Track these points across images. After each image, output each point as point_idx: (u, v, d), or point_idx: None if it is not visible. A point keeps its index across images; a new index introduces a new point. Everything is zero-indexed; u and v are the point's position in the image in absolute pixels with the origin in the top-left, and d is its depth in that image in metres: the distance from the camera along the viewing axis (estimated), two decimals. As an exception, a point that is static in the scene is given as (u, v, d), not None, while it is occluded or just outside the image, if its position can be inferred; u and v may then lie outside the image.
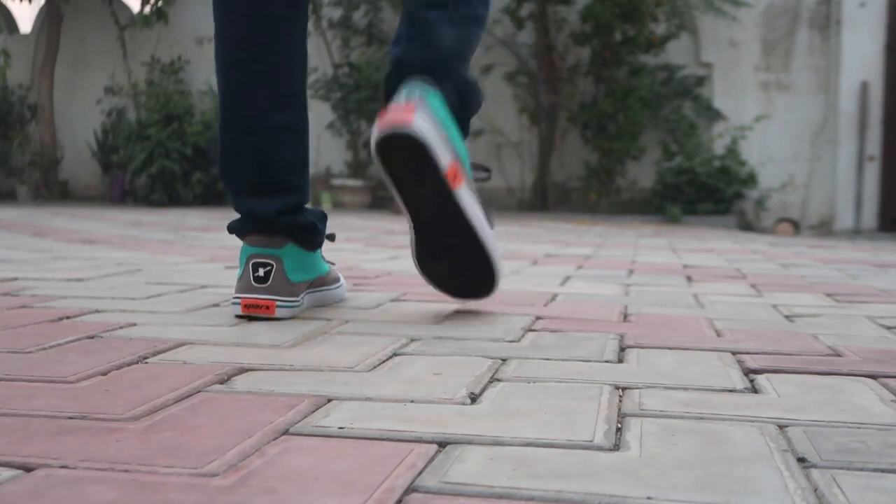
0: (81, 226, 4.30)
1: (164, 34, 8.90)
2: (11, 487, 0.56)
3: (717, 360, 1.01)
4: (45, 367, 0.91)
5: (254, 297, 1.26)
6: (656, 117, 7.23)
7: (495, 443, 0.66)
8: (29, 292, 1.54)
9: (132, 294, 1.54)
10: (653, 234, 4.73)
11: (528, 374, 0.91)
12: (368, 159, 8.35)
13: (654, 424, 0.72)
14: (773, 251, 3.37)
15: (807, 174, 7.34)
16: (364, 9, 8.19)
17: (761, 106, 7.37)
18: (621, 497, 0.55)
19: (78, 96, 9.33)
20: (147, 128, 7.97)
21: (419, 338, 1.12)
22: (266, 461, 0.61)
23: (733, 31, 7.38)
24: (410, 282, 1.80)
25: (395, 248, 3.01)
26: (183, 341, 1.07)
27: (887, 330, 1.28)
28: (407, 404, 0.78)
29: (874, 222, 7.12)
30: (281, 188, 1.33)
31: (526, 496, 0.55)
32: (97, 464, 0.60)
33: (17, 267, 2.04)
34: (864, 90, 7.06)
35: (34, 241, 3.06)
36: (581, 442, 0.67)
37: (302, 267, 1.33)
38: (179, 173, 7.87)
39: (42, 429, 0.68)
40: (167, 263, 2.20)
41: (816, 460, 0.63)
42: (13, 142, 9.35)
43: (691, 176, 6.71)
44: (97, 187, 9.25)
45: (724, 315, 1.41)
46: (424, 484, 0.57)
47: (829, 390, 0.86)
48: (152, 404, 0.76)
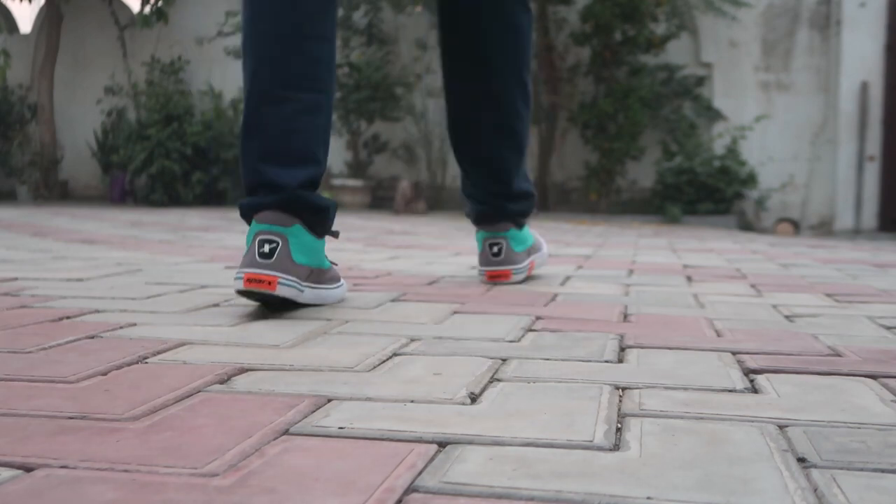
0: (81, 226, 4.30)
1: (164, 34, 8.90)
2: (11, 487, 0.56)
3: (717, 360, 1.01)
4: (45, 367, 0.91)
5: (257, 272, 1.27)
6: (656, 117, 7.23)
7: (495, 443, 0.66)
8: (29, 292, 1.54)
9: (132, 294, 1.54)
10: (653, 234, 4.73)
11: (528, 374, 0.91)
12: (368, 159, 8.36)
13: (654, 424, 0.72)
14: (773, 251, 3.37)
15: (807, 174, 7.34)
16: (364, 9, 8.19)
17: (761, 106, 7.37)
18: (621, 497, 0.55)
19: (78, 96, 9.34)
20: (147, 128, 7.98)
21: (419, 338, 1.13)
22: (266, 461, 0.61)
23: (733, 31, 7.38)
24: (410, 282, 1.80)
25: (395, 248, 3.01)
26: (183, 341, 1.07)
27: (887, 330, 1.28)
28: (407, 404, 0.78)
29: (874, 222, 7.12)
30: (306, 159, 1.36)
31: (526, 496, 0.55)
32: (97, 464, 0.60)
33: (17, 267, 2.04)
34: (864, 90, 7.06)
35: (34, 241, 3.06)
36: (581, 442, 0.67)
37: (306, 250, 1.34)
38: (179, 173, 7.87)
39: (42, 429, 0.68)
40: (167, 263, 2.20)
41: (816, 460, 0.63)
42: (13, 142, 9.36)
43: (691, 176, 6.71)
44: (97, 187, 9.25)
45: (724, 315, 1.41)
46: (424, 484, 0.57)
47: (829, 390, 0.86)
48: (152, 404, 0.76)
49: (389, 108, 8.05)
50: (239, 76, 8.72)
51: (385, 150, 8.36)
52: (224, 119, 8.40)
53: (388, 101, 7.99)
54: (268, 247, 1.29)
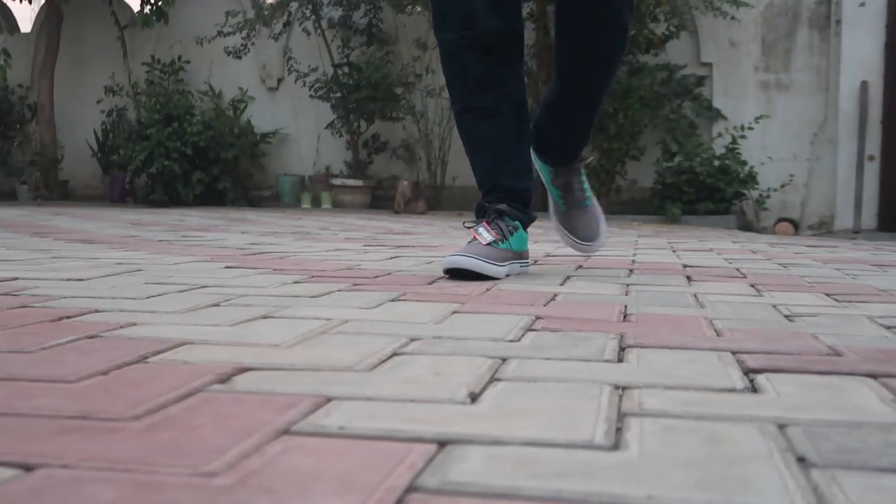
0: (81, 225, 4.30)
1: (164, 34, 8.90)
2: (11, 487, 0.56)
3: (716, 360, 1.01)
4: (45, 366, 0.91)
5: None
6: (656, 117, 7.23)
7: (495, 442, 0.66)
8: (29, 292, 1.54)
9: (132, 294, 1.54)
10: (652, 233, 4.73)
11: (528, 374, 0.91)
12: (368, 159, 8.36)
13: (654, 424, 0.72)
14: (773, 251, 3.37)
15: (806, 174, 7.34)
16: (364, 9, 8.19)
17: (761, 106, 7.38)
18: (621, 496, 0.55)
19: (78, 96, 9.34)
20: (147, 128, 7.98)
21: (419, 337, 1.12)
22: (266, 461, 0.61)
23: (733, 31, 7.38)
24: (410, 281, 1.80)
25: (395, 248, 3.01)
26: (183, 341, 1.07)
27: (887, 330, 1.28)
28: (407, 404, 0.78)
29: (874, 222, 7.12)
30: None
31: (526, 496, 0.55)
32: (97, 463, 0.60)
33: (17, 267, 2.04)
34: (864, 90, 7.06)
35: (34, 241, 3.06)
36: (581, 441, 0.67)
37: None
38: (179, 173, 7.88)
39: (42, 429, 0.68)
40: (167, 263, 2.20)
41: (816, 460, 0.63)
42: (13, 141, 9.36)
43: (691, 176, 6.71)
44: (97, 187, 9.26)
45: (723, 315, 1.41)
46: (424, 483, 0.57)
47: (829, 390, 0.86)
48: (152, 404, 0.76)
49: (389, 108, 8.05)
50: (239, 76, 8.74)
51: (385, 150, 8.36)
52: (224, 119, 8.40)
53: (388, 101, 7.99)
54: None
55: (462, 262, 1.82)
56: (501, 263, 1.89)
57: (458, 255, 1.85)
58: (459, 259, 1.83)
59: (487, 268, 1.83)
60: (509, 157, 2.01)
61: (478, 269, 1.81)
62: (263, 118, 8.74)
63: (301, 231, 4.20)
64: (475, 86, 1.97)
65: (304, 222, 5.13)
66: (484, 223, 1.95)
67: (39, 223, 4.46)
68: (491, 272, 1.84)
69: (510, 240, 1.93)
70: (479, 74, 1.95)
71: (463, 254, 1.85)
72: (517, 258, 1.97)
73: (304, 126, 8.77)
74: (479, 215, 2.03)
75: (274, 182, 8.69)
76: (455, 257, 1.84)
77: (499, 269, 1.87)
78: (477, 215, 2.03)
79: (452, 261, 1.83)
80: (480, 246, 1.88)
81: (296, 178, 8.50)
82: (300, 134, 8.78)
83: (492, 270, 1.84)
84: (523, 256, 2.01)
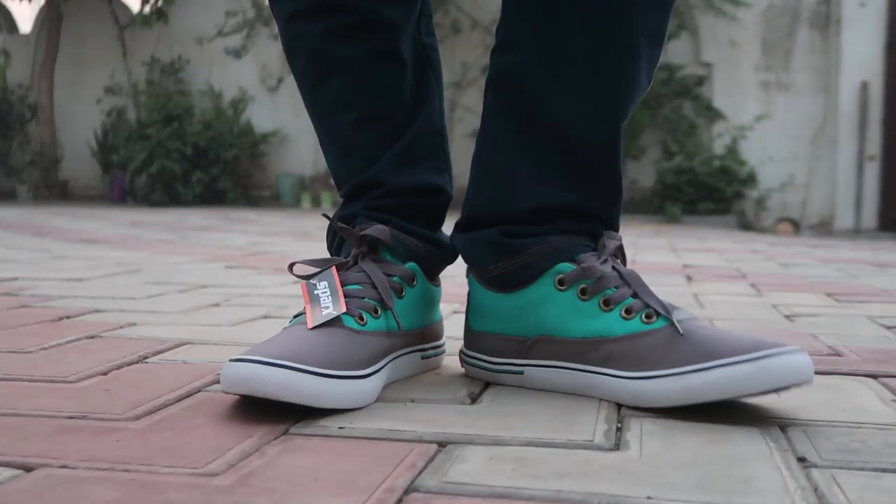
0: (81, 225, 4.30)
1: (164, 34, 8.89)
2: (11, 487, 0.56)
3: (717, 360, 1.01)
4: (45, 367, 0.91)
5: None
6: (656, 117, 7.23)
7: (495, 442, 0.66)
8: (29, 292, 1.54)
9: (132, 294, 1.54)
10: (653, 233, 4.73)
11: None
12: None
13: (654, 424, 0.72)
14: (773, 251, 3.37)
15: (807, 174, 7.34)
16: (364, 9, 8.16)
17: (761, 106, 7.37)
18: (621, 497, 0.55)
19: (78, 96, 9.34)
20: (147, 128, 7.98)
21: (419, 338, 1.12)
22: (266, 461, 0.61)
23: (733, 30, 7.38)
24: (410, 282, 1.80)
25: (395, 247, 3.00)
26: (183, 341, 1.07)
27: (887, 329, 1.28)
28: (407, 404, 0.78)
29: (874, 222, 7.12)
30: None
31: (526, 496, 0.55)
32: (97, 464, 0.60)
33: (17, 267, 2.04)
34: (864, 90, 7.06)
35: (34, 241, 3.06)
36: (581, 442, 0.67)
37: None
38: (179, 173, 7.87)
39: (42, 429, 0.68)
40: (167, 263, 2.20)
41: (816, 460, 0.63)
42: (13, 141, 9.36)
43: (691, 176, 6.71)
44: (97, 187, 9.25)
45: (724, 315, 1.41)
46: (424, 484, 0.57)
47: (829, 390, 0.86)
48: (152, 404, 0.76)
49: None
50: (239, 76, 8.74)
51: (385, 150, 8.34)
52: (224, 119, 8.40)
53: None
54: None
55: (254, 377, 0.71)
56: (351, 372, 0.77)
57: (252, 358, 0.72)
58: (251, 371, 0.71)
59: (305, 390, 0.72)
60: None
61: (286, 394, 0.71)
62: (263, 118, 8.73)
63: (301, 231, 4.20)
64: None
65: (304, 222, 5.13)
66: (332, 269, 0.90)
67: (39, 223, 4.46)
68: (316, 399, 0.73)
69: (388, 310, 0.86)
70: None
71: (260, 358, 0.72)
72: (407, 346, 0.90)
73: (304, 126, 8.75)
74: (331, 245, 1.00)
75: (274, 182, 8.68)
76: (244, 366, 0.72)
77: (339, 389, 0.75)
78: (329, 245, 1.00)
79: (237, 374, 0.72)
80: (302, 331, 0.80)
81: (296, 178, 8.50)
82: (300, 134, 8.77)
83: (319, 394, 0.73)
84: (427, 338, 0.95)
